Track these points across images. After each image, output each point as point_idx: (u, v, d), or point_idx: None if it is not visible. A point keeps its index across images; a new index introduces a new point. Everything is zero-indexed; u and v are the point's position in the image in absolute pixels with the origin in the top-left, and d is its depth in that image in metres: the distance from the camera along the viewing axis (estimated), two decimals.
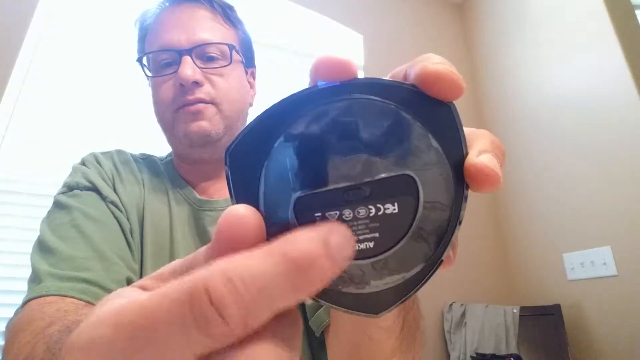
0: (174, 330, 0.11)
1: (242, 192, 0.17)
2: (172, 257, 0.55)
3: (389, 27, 2.11)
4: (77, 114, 1.38)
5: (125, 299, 0.13)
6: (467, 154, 0.17)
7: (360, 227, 0.17)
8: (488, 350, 1.44)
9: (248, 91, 0.69)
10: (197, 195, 0.61)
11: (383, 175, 0.16)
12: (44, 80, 1.37)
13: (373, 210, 0.17)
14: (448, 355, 1.57)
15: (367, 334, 0.32)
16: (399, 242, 0.17)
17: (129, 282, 0.48)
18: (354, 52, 1.98)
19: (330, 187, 0.16)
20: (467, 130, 0.19)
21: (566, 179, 1.60)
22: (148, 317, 0.11)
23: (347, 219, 0.17)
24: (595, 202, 1.47)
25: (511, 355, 1.37)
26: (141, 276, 0.53)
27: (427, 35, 2.21)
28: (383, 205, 0.17)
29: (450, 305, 1.64)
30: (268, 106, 0.18)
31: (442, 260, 0.18)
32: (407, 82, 0.18)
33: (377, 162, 0.16)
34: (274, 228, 0.16)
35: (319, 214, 0.16)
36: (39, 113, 1.34)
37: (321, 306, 0.49)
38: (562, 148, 1.63)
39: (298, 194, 0.17)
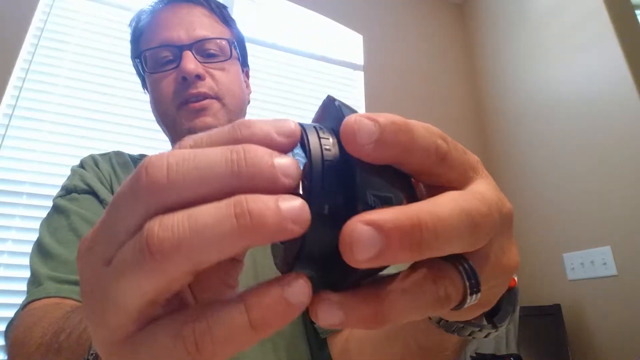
0: (125, 201, 0.14)
1: None
2: None
3: (389, 27, 2.11)
4: (77, 114, 1.39)
5: None
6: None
7: None
8: (488, 350, 1.44)
9: (245, 88, 0.69)
10: None
11: None
12: (44, 81, 1.37)
13: None
14: None
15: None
16: None
17: None
18: (354, 52, 1.98)
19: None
20: None
21: (566, 179, 1.60)
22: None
23: None
24: (595, 202, 1.47)
25: (511, 355, 1.37)
26: None
27: (427, 35, 2.21)
28: None
29: None
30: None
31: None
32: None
33: None
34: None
35: None
36: (39, 113, 1.34)
37: None
38: (562, 148, 1.63)
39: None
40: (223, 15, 0.66)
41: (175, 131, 0.60)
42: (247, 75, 0.72)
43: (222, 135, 0.15)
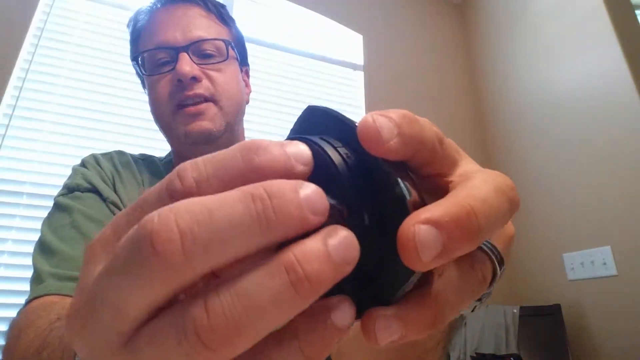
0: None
1: None
2: None
3: (389, 27, 2.11)
4: (77, 114, 1.38)
5: None
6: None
7: None
8: (488, 350, 1.44)
9: (244, 88, 0.69)
10: None
11: None
12: (44, 81, 1.37)
13: None
14: (448, 356, 1.57)
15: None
16: None
17: None
18: (354, 52, 1.98)
19: None
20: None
21: (566, 179, 1.60)
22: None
23: None
24: (595, 202, 1.47)
25: (511, 355, 1.37)
26: None
27: (427, 35, 2.21)
28: None
29: None
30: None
31: None
32: None
33: None
34: None
35: None
36: (39, 114, 1.34)
37: None
38: (562, 148, 1.63)
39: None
40: (221, 15, 0.65)
41: (171, 133, 0.60)
42: (247, 74, 0.72)
43: (236, 166, 0.12)
